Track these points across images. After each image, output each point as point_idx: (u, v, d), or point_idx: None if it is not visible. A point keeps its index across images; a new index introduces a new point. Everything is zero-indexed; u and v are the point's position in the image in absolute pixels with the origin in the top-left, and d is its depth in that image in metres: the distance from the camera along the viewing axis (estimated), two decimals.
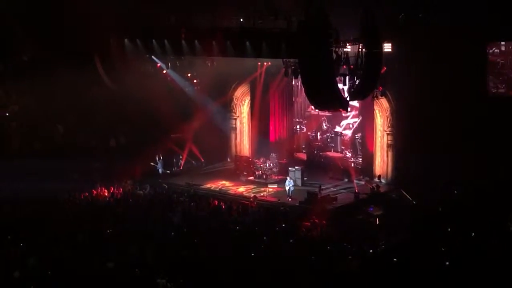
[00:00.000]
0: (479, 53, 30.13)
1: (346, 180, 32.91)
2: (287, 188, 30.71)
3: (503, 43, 30.44)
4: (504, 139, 29.10)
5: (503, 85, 30.70)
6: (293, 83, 35.35)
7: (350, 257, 20.60)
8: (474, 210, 25.44)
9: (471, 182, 28.55)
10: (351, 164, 33.77)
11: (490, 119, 29.43)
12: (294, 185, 30.95)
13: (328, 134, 35.85)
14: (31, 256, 20.70)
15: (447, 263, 19.52)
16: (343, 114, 34.38)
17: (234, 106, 37.94)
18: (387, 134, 32.36)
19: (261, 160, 34.25)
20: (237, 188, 32.46)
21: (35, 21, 30.98)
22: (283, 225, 25.33)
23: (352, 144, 34.99)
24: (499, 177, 28.20)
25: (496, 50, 30.61)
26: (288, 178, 31.30)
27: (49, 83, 33.61)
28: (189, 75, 37.14)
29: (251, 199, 29.98)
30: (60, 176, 31.72)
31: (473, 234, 22.46)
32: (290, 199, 30.33)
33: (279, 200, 30.06)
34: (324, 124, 36.25)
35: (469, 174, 28.74)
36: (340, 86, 27.61)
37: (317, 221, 25.99)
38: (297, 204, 29.46)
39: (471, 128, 29.58)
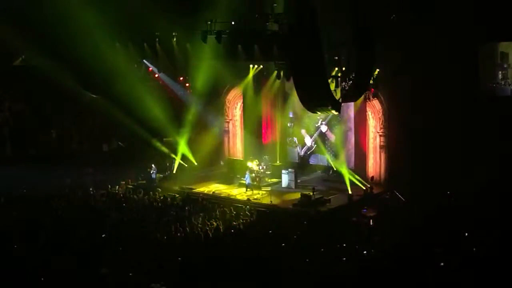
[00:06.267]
0: (470, 53, 30.20)
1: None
2: (245, 183, 32.14)
3: None
4: (497, 138, 29.16)
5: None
6: (285, 85, 35.35)
7: (344, 259, 20.61)
8: (468, 211, 25.48)
9: (465, 182, 28.61)
10: None
11: (483, 118, 29.50)
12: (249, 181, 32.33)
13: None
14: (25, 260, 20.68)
15: (442, 264, 19.55)
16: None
17: (227, 109, 38.02)
18: (380, 136, 32.44)
19: (254, 163, 34.26)
20: (231, 191, 32.49)
21: (28, 27, 30.93)
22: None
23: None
24: (493, 177, 28.23)
25: None
26: (247, 173, 32.37)
27: (41, 89, 33.60)
28: (181, 78, 37.15)
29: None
30: (53, 181, 31.69)
31: (466, 234, 22.49)
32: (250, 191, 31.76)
33: (271, 202, 30.07)
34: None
35: (462, 174, 28.83)
36: (332, 88, 27.64)
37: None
38: (290, 206, 29.51)
39: (464, 128, 29.66)
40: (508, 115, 29.22)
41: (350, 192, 30.77)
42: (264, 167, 34.08)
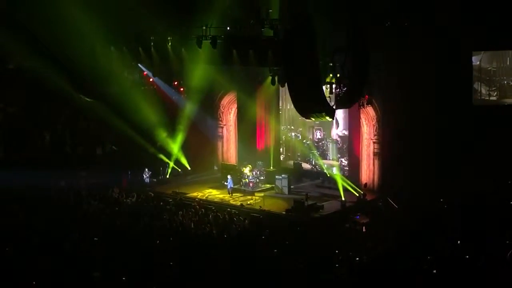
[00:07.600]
0: (464, 62, 30.33)
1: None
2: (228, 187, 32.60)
3: None
4: (491, 146, 29.24)
5: (495, 93, 30.90)
6: (280, 91, 35.34)
7: (337, 265, 20.61)
8: (460, 218, 25.51)
9: (458, 190, 28.65)
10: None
11: (476, 127, 29.60)
12: (231, 184, 32.80)
13: (324, 142, 35.21)
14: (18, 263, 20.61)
15: (434, 271, 19.56)
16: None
17: (221, 114, 38.03)
18: (374, 142, 32.46)
19: (247, 168, 34.18)
20: (224, 196, 32.44)
21: (21, 30, 30.88)
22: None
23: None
24: (487, 185, 28.28)
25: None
26: (228, 177, 32.76)
27: (35, 91, 33.52)
28: (175, 83, 37.14)
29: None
30: (47, 184, 31.58)
31: (459, 242, 22.51)
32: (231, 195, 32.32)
33: (260, 207, 30.03)
34: (317, 132, 35.56)
35: (456, 182, 28.87)
36: (327, 94, 27.65)
37: None
38: (283, 212, 29.46)
39: (458, 136, 29.74)
40: (502, 123, 29.36)
41: (343, 199, 30.75)
42: (258, 172, 34.06)
